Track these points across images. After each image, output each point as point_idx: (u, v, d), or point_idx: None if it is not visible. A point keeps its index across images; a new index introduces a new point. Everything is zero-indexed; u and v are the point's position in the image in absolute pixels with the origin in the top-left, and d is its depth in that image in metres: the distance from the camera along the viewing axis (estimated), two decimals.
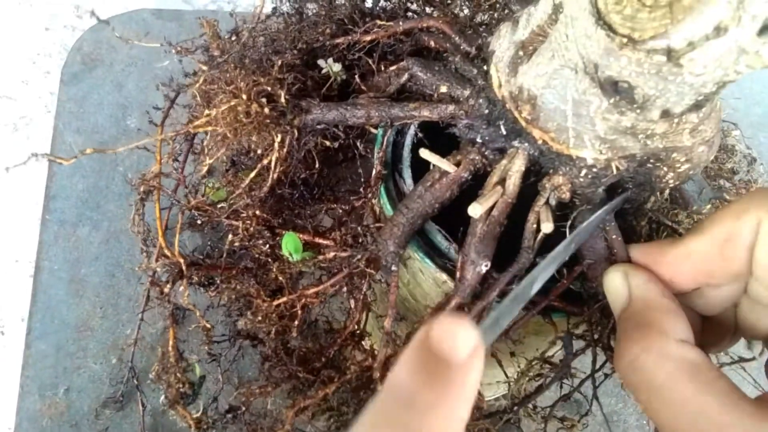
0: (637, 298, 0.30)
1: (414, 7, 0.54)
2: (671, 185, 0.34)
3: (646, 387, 0.27)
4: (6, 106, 0.76)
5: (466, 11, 0.51)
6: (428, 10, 0.53)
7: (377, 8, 0.53)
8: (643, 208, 0.38)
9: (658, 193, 0.38)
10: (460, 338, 0.22)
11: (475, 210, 0.32)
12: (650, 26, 0.25)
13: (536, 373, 0.42)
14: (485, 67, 0.38)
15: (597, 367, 0.39)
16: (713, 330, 0.33)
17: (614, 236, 0.36)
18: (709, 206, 0.41)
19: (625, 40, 0.26)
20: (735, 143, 0.51)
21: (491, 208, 0.35)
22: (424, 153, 0.35)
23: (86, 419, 0.56)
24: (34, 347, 0.60)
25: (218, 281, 0.47)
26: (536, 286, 0.30)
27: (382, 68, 0.45)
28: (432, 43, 0.46)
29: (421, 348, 0.23)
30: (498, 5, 0.50)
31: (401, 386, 0.22)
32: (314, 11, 0.53)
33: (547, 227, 0.33)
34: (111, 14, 0.81)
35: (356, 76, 0.45)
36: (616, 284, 0.32)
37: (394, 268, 0.37)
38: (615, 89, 0.28)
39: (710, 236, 0.29)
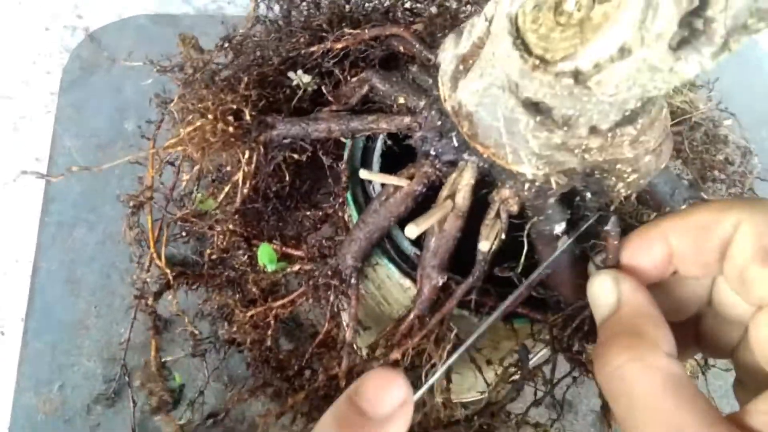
0: (626, 305, 0.30)
1: (409, 5, 0.53)
2: (624, 194, 0.34)
3: (627, 396, 0.26)
4: (6, 106, 0.77)
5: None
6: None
7: (363, 8, 0.52)
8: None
9: (622, 198, 0.37)
10: (387, 394, 0.25)
11: (411, 231, 0.32)
12: (561, 47, 0.25)
13: (510, 378, 0.42)
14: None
15: (563, 375, 0.38)
16: (676, 339, 0.33)
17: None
18: (684, 206, 0.40)
19: (537, 61, 0.25)
20: (727, 133, 0.49)
21: (443, 222, 0.35)
22: (363, 173, 0.36)
23: (79, 415, 0.58)
24: (30, 345, 0.62)
25: (205, 288, 0.49)
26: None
27: (349, 77, 0.45)
28: (401, 49, 0.46)
29: (348, 402, 0.25)
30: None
31: None
32: (295, 18, 0.53)
33: (484, 245, 0.32)
34: (109, 18, 0.82)
35: (325, 87, 0.45)
36: (605, 289, 0.31)
37: (353, 281, 0.38)
38: (536, 109, 0.27)
39: (687, 221, 0.28)
